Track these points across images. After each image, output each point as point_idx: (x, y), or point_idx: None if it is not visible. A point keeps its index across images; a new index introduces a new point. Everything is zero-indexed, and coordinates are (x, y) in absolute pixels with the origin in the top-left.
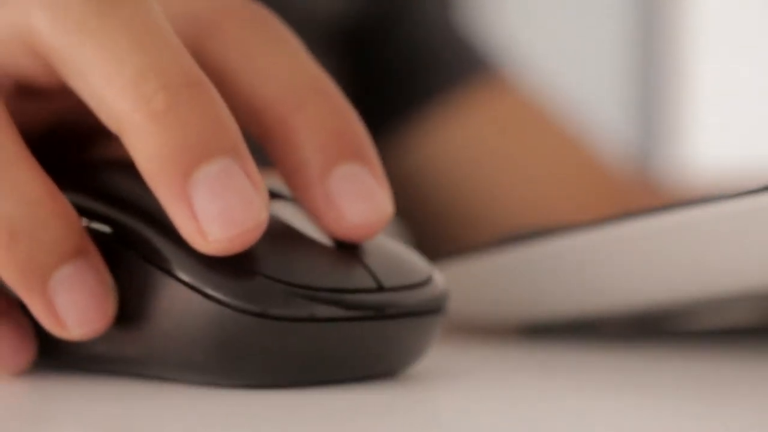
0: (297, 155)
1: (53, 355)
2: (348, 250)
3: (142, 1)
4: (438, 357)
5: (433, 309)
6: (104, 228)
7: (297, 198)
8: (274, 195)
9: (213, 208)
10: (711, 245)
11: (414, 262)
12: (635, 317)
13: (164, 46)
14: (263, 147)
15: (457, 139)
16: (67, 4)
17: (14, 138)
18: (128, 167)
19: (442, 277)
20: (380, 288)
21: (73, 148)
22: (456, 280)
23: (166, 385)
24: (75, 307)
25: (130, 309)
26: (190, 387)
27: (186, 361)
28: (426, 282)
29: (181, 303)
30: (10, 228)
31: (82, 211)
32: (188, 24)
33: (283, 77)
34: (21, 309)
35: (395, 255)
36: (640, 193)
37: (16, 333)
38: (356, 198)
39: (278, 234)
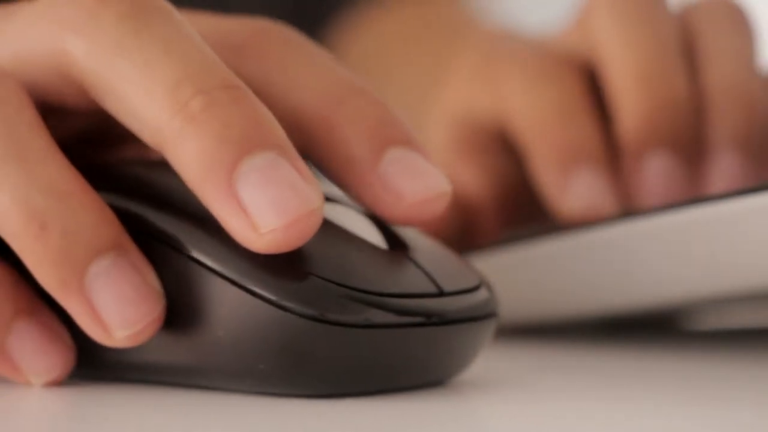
0: (345, 150)
1: (96, 365)
2: (402, 253)
3: (173, 17)
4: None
5: (489, 313)
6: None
7: (351, 192)
8: (326, 198)
9: (263, 197)
10: (712, 245)
11: (464, 265)
12: (638, 316)
13: (199, 56)
14: (309, 154)
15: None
16: (102, 26)
17: (44, 134)
18: (168, 166)
19: (488, 279)
20: (441, 293)
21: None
22: None
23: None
24: (116, 304)
25: (180, 314)
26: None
27: (240, 369)
28: (479, 285)
29: (235, 306)
30: (41, 220)
31: (124, 216)
32: (221, 45)
33: (318, 83)
34: (57, 316)
35: (446, 258)
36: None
37: (42, 333)
38: (411, 176)
39: (336, 237)
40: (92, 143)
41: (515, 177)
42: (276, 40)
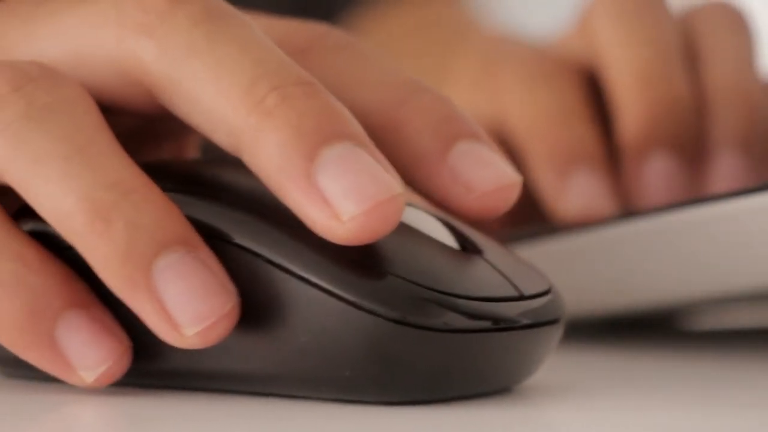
0: (413, 145)
1: (165, 374)
2: (477, 255)
3: (243, 20)
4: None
5: (562, 316)
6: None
7: (420, 187)
8: None
9: (343, 184)
10: (712, 245)
11: (532, 267)
12: (638, 316)
13: (272, 56)
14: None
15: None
16: (174, 29)
17: (108, 135)
18: (231, 165)
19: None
20: (521, 296)
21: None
22: None
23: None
24: (184, 298)
25: (259, 319)
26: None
27: (326, 375)
28: (551, 288)
29: (318, 310)
30: (105, 216)
31: (196, 220)
32: (283, 47)
33: (381, 83)
34: (111, 314)
35: (516, 261)
36: None
37: (93, 325)
38: (479, 168)
39: (412, 239)
40: (132, 143)
41: None
42: (335, 43)
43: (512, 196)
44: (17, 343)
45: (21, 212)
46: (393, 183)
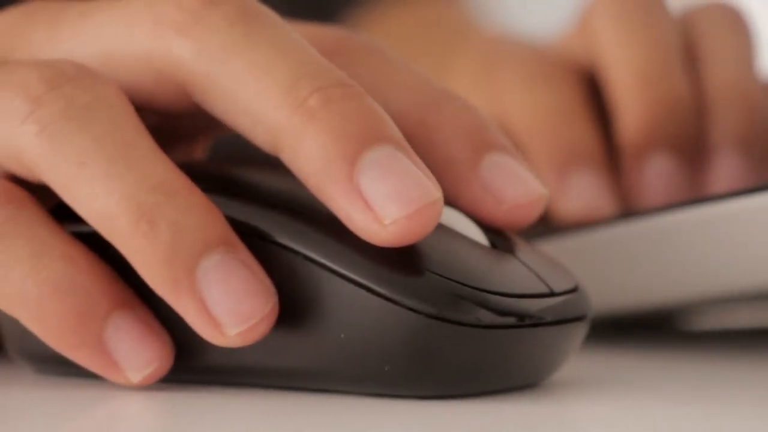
0: (444, 151)
1: (205, 370)
2: (509, 253)
3: (278, 21)
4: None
5: (589, 312)
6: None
7: (449, 193)
8: None
9: (385, 189)
10: (712, 245)
11: (559, 265)
12: (638, 316)
13: (311, 57)
14: None
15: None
16: (210, 28)
17: (147, 136)
18: (272, 167)
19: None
20: (552, 293)
21: None
22: None
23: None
24: (227, 299)
25: (298, 316)
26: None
27: (364, 371)
28: (578, 285)
29: (357, 306)
30: (150, 218)
31: (232, 218)
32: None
33: (410, 85)
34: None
35: (545, 259)
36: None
37: (140, 327)
38: (511, 181)
39: (446, 236)
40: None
41: None
42: (361, 47)
43: (540, 209)
44: (65, 343)
45: (53, 212)
46: (433, 188)
